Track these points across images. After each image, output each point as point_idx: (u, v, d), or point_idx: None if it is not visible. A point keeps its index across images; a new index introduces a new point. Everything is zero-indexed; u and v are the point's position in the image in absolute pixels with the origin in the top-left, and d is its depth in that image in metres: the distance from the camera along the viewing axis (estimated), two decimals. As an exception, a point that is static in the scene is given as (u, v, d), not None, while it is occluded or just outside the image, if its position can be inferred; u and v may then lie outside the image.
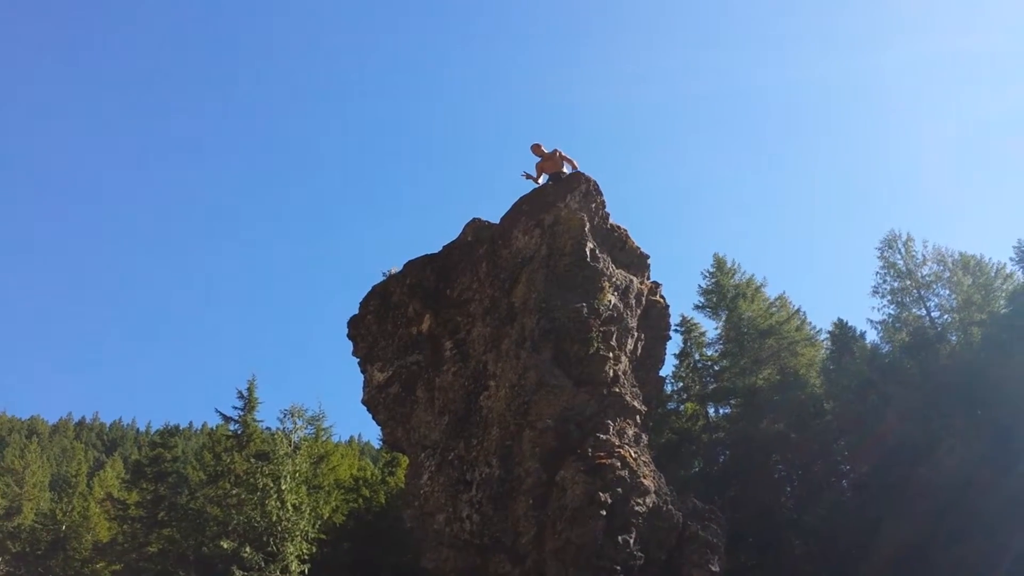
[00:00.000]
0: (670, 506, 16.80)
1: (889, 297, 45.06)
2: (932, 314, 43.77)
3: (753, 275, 49.41)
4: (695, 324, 48.99)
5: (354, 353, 21.65)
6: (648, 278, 21.25)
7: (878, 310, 45.72)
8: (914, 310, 44.46)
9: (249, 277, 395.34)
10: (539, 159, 20.45)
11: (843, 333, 45.09)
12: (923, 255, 44.78)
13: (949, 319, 43.00)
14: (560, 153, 20.23)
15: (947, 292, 43.56)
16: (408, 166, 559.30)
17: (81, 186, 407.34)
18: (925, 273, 44.40)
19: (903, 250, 45.18)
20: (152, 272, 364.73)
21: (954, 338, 41.77)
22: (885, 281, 45.26)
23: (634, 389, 18.59)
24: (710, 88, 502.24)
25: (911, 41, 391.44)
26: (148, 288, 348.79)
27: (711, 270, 49.60)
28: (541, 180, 20.37)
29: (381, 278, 21.66)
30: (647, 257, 21.21)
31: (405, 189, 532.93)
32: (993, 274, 42.77)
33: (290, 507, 37.38)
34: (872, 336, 45.71)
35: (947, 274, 43.45)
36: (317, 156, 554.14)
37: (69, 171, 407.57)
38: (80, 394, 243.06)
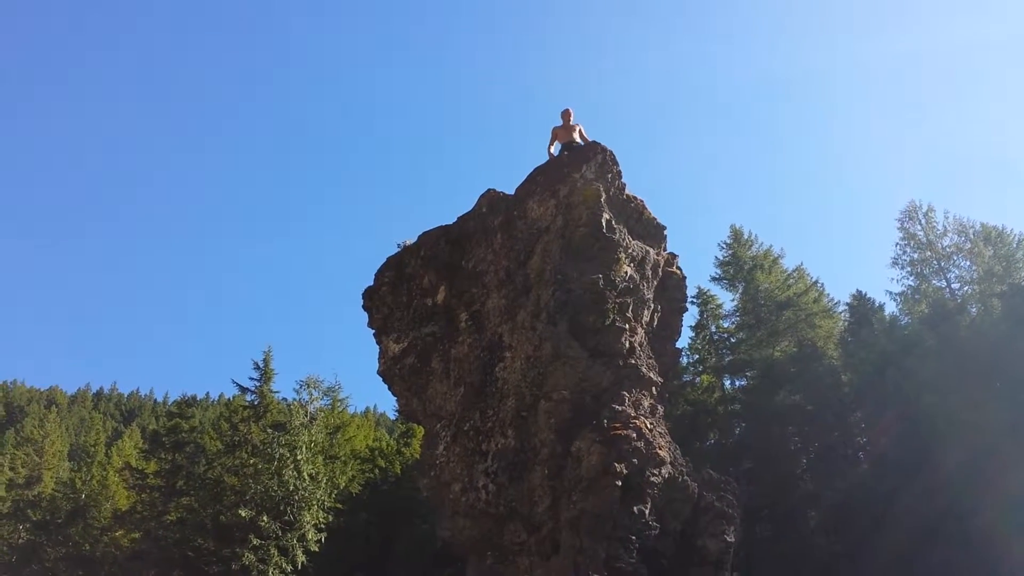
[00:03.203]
0: (685, 477, 16.73)
1: (909, 268, 44.63)
2: (952, 286, 43.33)
3: (771, 246, 49.11)
4: (712, 296, 48.79)
5: (369, 324, 21.58)
6: (665, 249, 21.00)
7: (897, 281, 45.36)
8: (934, 282, 44.00)
9: (266, 249, 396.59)
10: (560, 124, 20.23)
11: (862, 305, 44.69)
12: (944, 226, 44.28)
13: (969, 291, 42.53)
14: (581, 130, 20.07)
15: (967, 263, 43.07)
16: (426, 141, 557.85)
17: (101, 168, 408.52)
18: (946, 244, 43.90)
19: (924, 221, 44.65)
20: (171, 245, 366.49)
21: (974, 310, 41.32)
22: (905, 252, 44.81)
23: (650, 361, 18.46)
24: (732, 71, 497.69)
25: (941, 21, 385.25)
26: (166, 261, 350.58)
27: (728, 241, 49.27)
28: (554, 147, 20.16)
29: (396, 249, 21.55)
30: (664, 228, 20.92)
31: (421, 164, 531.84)
32: (1015, 245, 42.20)
33: (306, 477, 37.68)
34: (891, 308, 45.39)
35: (968, 245, 42.90)
36: (337, 132, 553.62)
37: (84, 155, 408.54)
38: (98, 365, 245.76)
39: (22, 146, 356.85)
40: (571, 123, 20.16)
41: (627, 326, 17.87)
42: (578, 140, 19.84)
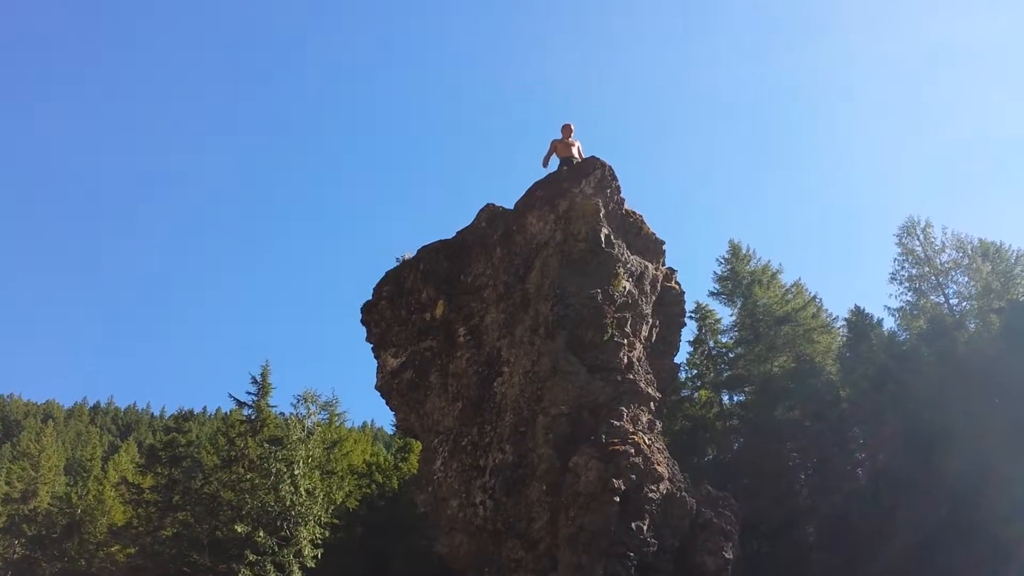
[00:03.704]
0: (684, 493, 16.68)
1: (907, 284, 44.70)
2: (950, 301, 43.38)
3: (769, 261, 49.13)
4: (710, 311, 48.75)
5: (368, 339, 21.59)
6: (663, 264, 21.06)
7: (895, 297, 45.36)
8: (932, 297, 44.06)
9: (264, 262, 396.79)
10: (560, 138, 20.31)
11: (860, 320, 44.68)
12: (942, 242, 44.38)
13: (968, 306, 42.58)
14: (579, 146, 20.20)
15: (966, 279, 43.15)
16: (423, 153, 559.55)
17: (93, 175, 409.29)
18: (944, 260, 43.98)
19: (922, 236, 44.74)
20: (167, 257, 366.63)
21: (972, 325, 41.34)
22: (903, 268, 44.89)
23: (648, 376, 18.45)
24: (727, 78, 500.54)
25: (940, 25, 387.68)
26: (163, 274, 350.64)
27: (726, 256, 49.29)
28: (551, 160, 20.24)
29: (395, 264, 21.58)
30: (662, 243, 21.01)
31: (420, 176, 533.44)
32: (1013, 261, 42.30)
33: (303, 492, 37.50)
34: (889, 323, 45.39)
35: (966, 261, 43.00)
36: (332, 144, 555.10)
37: (80, 162, 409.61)
38: (95, 378, 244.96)
39: (17, 152, 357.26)
40: (571, 139, 20.26)
41: (625, 341, 17.88)
42: (576, 156, 19.93)
